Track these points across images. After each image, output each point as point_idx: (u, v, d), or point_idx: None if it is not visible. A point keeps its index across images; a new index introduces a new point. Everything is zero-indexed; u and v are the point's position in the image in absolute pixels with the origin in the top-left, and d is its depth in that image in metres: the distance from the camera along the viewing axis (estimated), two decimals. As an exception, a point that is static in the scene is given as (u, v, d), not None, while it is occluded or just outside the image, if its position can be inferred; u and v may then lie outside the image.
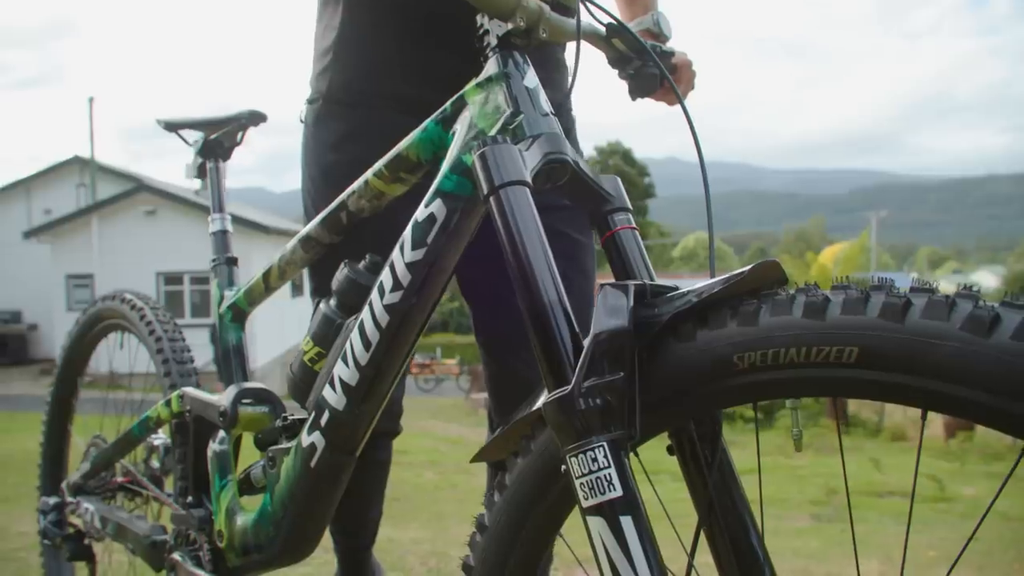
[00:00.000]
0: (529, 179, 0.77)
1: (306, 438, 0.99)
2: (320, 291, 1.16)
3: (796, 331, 0.61)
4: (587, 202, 0.85)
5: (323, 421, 0.97)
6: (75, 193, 20.42)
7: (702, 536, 0.79)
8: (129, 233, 16.97)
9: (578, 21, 0.87)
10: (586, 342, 0.68)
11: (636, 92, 1.06)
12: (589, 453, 0.66)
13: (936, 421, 11.85)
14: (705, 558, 0.79)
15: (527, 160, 0.78)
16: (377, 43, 1.22)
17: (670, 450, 0.79)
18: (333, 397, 0.95)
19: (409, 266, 0.87)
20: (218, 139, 1.41)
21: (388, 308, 0.88)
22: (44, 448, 1.76)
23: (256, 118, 1.39)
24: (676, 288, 0.73)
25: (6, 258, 19.79)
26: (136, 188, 18.20)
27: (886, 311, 0.58)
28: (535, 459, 0.78)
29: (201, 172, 1.43)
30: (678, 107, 1.00)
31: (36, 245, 18.34)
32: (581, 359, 0.67)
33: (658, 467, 0.81)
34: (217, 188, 1.40)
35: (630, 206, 0.86)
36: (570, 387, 0.67)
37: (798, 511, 5.33)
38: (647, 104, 1.12)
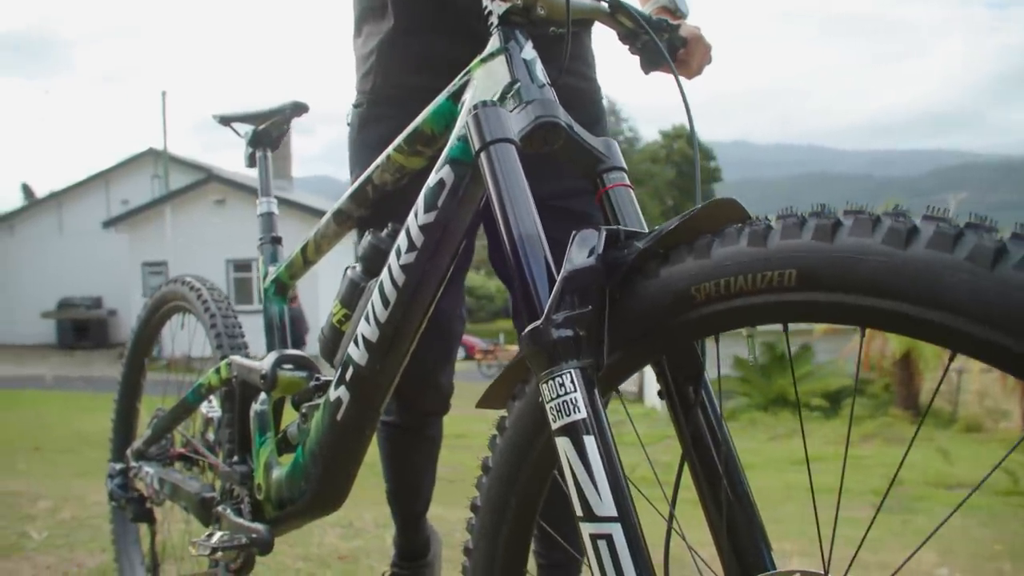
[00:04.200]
0: (516, 137, 0.82)
1: (333, 393, 1.05)
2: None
3: (742, 259, 0.64)
4: (582, 163, 0.89)
5: (348, 376, 1.03)
6: (150, 184, 21.20)
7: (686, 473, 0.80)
8: (200, 222, 17.50)
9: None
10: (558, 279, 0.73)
11: (646, 66, 1.08)
12: (558, 379, 0.70)
13: (1014, 412, 11.33)
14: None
15: (518, 121, 0.83)
16: (417, 39, 1.28)
17: (660, 395, 0.82)
18: (357, 354, 1.01)
19: (422, 228, 0.92)
20: (266, 130, 1.52)
21: (404, 268, 0.95)
22: (115, 423, 1.88)
23: (299, 109, 1.48)
24: (650, 232, 0.75)
25: (88, 247, 20.67)
26: (206, 178, 18.76)
27: (818, 232, 0.60)
28: (529, 401, 0.82)
29: (252, 161, 1.53)
30: (747, 88, 0.99)
31: (115, 234, 19.09)
32: (552, 295, 0.72)
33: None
34: (265, 174, 1.51)
35: (624, 165, 0.89)
36: (542, 319, 0.71)
37: (859, 500, 5.21)
38: (713, 86, 1.13)
